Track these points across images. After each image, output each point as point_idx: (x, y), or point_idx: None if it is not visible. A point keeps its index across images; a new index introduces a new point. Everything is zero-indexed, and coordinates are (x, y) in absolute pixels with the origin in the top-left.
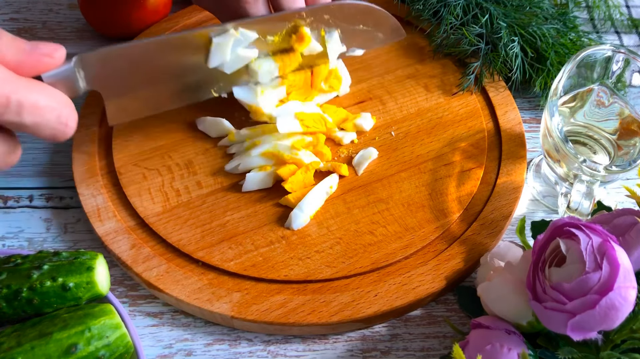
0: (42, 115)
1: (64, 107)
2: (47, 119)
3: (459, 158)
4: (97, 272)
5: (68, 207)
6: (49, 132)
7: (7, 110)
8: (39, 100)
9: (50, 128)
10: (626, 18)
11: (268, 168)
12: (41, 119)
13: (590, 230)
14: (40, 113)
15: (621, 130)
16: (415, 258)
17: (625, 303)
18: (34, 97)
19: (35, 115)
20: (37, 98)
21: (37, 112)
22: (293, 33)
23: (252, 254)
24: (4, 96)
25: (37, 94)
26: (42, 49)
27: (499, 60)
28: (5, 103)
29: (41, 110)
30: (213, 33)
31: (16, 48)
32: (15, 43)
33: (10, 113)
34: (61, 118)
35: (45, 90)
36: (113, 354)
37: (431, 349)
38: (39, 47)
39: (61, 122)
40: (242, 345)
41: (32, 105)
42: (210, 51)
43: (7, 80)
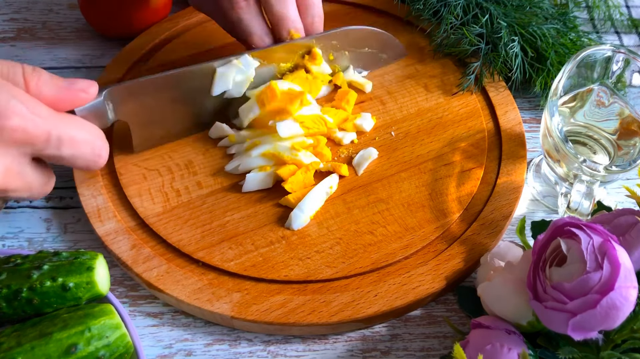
0: (78, 149)
1: (97, 139)
2: (83, 152)
3: (459, 158)
4: (97, 272)
5: (68, 207)
6: (83, 163)
7: (48, 146)
8: (76, 134)
9: (85, 159)
10: (626, 18)
11: (268, 169)
12: (78, 152)
13: (591, 229)
14: (77, 147)
15: (621, 130)
16: (415, 258)
17: (626, 303)
18: (72, 132)
19: (72, 148)
20: (75, 133)
21: (74, 146)
22: (306, 54)
23: (252, 254)
24: (45, 132)
25: (74, 129)
26: (78, 85)
27: (499, 60)
28: (46, 139)
29: (78, 144)
30: (217, 63)
31: (54, 85)
32: (53, 81)
33: (50, 148)
34: (95, 150)
35: (81, 124)
36: (113, 354)
37: (431, 349)
38: (76, 84)
39: (95, 154)
40: (242, 345)
41: (70, 140)
42: (214, 80)
43: (47, 117)
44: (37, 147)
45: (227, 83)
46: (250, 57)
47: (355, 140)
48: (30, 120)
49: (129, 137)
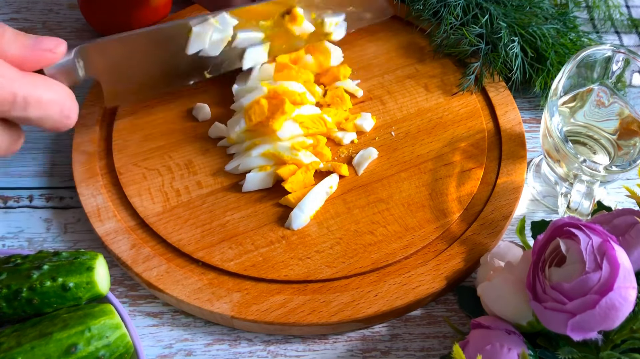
0: (46, 110)
1: (66, 100)
2: (51, 113)
3: (459, 158)
4: (97, 272)
5: (68, 207)
6: (52, 124)
7: (14, 107)
8: (42, 95)
9: (53, 120)
10: (626, 18)
11: (268, 169)
12: (45, 113)
13: (590, 230)
14: (45, 108)
15: (621, 130)
16: (416, 258)
17: (625, 303)
18: (39, 92)
19: (39, 109)
20: (41, 93)
21: (41, 107)
22: (286, 14)
23: (252, 254)
24: (10, 94)
25: (41, 90)
26: (44, 44)
27: (499, 60)
28: (12, 100)
29: (45, 104)
30: (193, 21)
31: (19, 44)
32: (19, 38)
33: (16, 109)
34: (64, 111)
35: (48, 85)
36: (113, 354)
37: (431, 349)
38: (42, 43)
39: (64, 115)
40: (242, 345)
41: (36, 101)
42: (189, 39)
43: (13, 78)
44: (3, 109)
45: (203, 42)
46: (229, 15)
47: (355, 140)
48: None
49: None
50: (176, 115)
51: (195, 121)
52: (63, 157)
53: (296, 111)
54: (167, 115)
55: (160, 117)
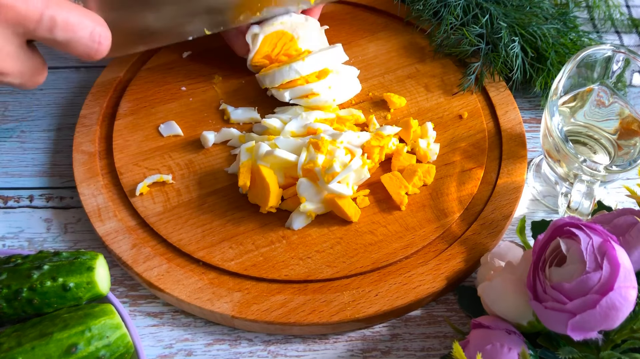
0: (74, 32)
1: (97, 25)
2: (80, 36)
3: (459, 158)
4: (97, 272)
5: (68, 207)
6: (82, 49)
7: (40, 26)
8: (70, 17)
9: (83, 45)
10: (626, 18)
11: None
12: (73, 35)
13: (590, 229)
14: (73, 30)
15: (621, 130)
16: (416, 257)
17: (626, 303)
18: (66, 14)
19: (67, 31)
20: (69, 16)
21: (69, 29)
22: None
23: (252, 254)
24: (37, 11)
25: (69, 12)
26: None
27: (499, 60)
28: (37, 19)
29: (74, 27)
30: None
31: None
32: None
33: (42, 29)
34: (94, 36)
35: (77, 8)
36: (113, 354)
37: (431, 349)
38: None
39: (94, 40)
40: (242, 345)
41: (64, 22)
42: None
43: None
44: (29, 27)
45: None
46: None
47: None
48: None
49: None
50: (176, 114)
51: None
52: (63, 157)
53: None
54: (168, 115)
55: (160, 117)
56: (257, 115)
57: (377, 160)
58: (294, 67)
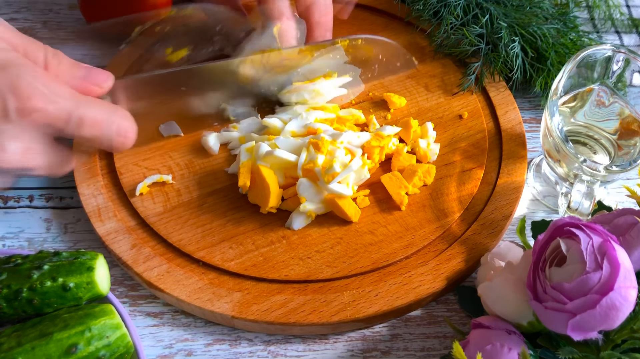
0: (101, 129)
1: (122, 120)
2: (106, 133)
3: (459, 158)
4: (97, 272)
5: (68, 207)
6: (108, 144)
7: (68, 126)
8: (97, 115)
9: (109, 140)
10: (626, 18)
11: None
12: (100, 132)
13: (590, 229)
14: (99, 128)
15: (621, 130)
16: (416, 257)
17: (626, 303)
18: (93, 113)
19: (94, 129)
20: (96, 114)
21: (95, 127)
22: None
23: (252, 254)
24: (66, 113)
25: (95, 110)
26: (94, 78)
27: (499, 60)
28: (66, 119)
29: (100, 124)
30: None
31: (72, 75)
32: (72, 70)
33: (70, 128)
34: (120, 130)
35: (103, 105)
36: (113, 354)
37: (431, 349)
38: (92, 76)
39: (120, 134)
40: (242, 345)
41: (91, 121)
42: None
43: (68, 97)
44: (58, 128)
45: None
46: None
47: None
48: (51, 102)
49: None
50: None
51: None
52: None
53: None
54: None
55: (161, 117)
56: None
57: (377, 160)
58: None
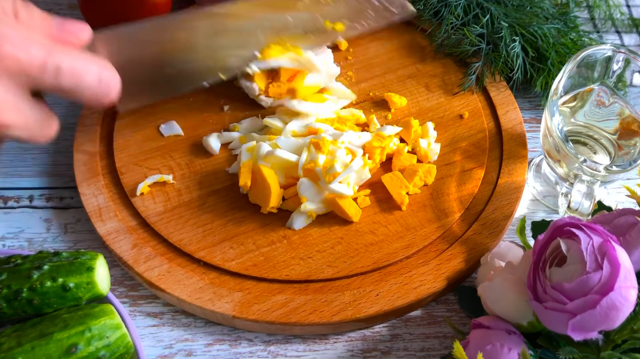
0: (81, 78)
1: (104, 69)
2: (87, 82)
3: (460, 158)
4: (97, 272)
5: (68, 207)
6: (90, 95)
7: (44, 74)
8: (76, 63)
9: (90, 90)
10: (627, 17)
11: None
12: (80, 82)
13: (590, 230)
14: (79, 76)
15: (621, 130)
16: (417, 257)
17: (626, 303)
18: (71, 61)
19: (74, 77)
20: (74, 61)
21: (75, 76)
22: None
23: (253, 254)
24: (41, 60)
25: (74, 58)
26: (69, 28)
27: (500, 60)
28: (41, 67)
29: (80, 73)
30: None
31: (44, 26)
32: (45, 21)
33: (47, 77)
34: (102, 81)
35: (82, 54)
36: (113, 354)
37: (432, 349)
38: (66, 27)
39: (102, 84)
40: (242, 345)
41: (70, 69)
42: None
43: (42, 45)
44: (33, 76)
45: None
46: None
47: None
48: (22, 47)
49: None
50: (177, 114)
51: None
52: (63, 157)
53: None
54: (168, 115)
55: (161, 117)
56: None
57: (378, 160)
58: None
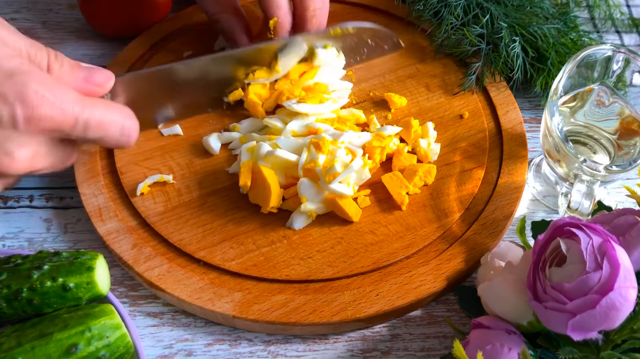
0: (106, 131)
1: (126, 120)
2: (111, 133)
3: (460, 158)
4: (97, 272)
5: (68, 207)
6: (113, 144)
7: (75, 130)
8: (103, 117)
9: (114, 140)
10: (627, 17)
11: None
12: (105, 134)
13: (590, 229)
14: (105, 129)
15: (621, 130)
16: (417, 257)
17: (626, 303)
18: (99, 115)
19: (99, 131)
20: (102, 116)
21: (101, 129)
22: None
23: (253, 254)
24: (72, 117)
25: (101, 112)
26: (96, 79)
27: (500, 60)
28: (73, 124)
29: (105, 126)
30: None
31: (73, 77)
32: (74, 72)
33: (77, 131)
34: (124, 130)
35: (108, 107)
36: (113, 354)
37: (431, 349)
38: (94, 77)
39: (124, 134)
40: (242, 345)
41: (97, 124)
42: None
43: (74, 102)
44: (65, 133)
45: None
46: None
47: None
48: (58, 108)
49: None
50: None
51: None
52: None
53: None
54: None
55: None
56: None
57: (378, 160)
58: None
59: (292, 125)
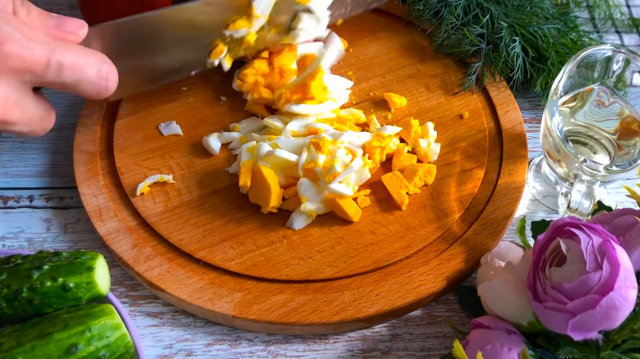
0: (82, 73)
1: (103, 63)
2: (88, 76)
3: (460, 158)
4: (97, 272)
5: (68, 207)
6: (91, 88)
7: (48, 71)
8: (77, 58)
9: (91, 84)
10: (627, 17)
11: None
12: (81, 76)
13: (590, 229)
14: (80, 71)
15: (621, 130)
16: (417, 257)
17: (626, 303)
18: (73, 56)
19: (75, 73)
20: (76, 57)
21: (77, 71)
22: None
23: (253, 254)
24: (44, 57)
25: (75, 53)
26: (67, 26)
27: (500, 60)
28: (45, 65)
29: (80, 67)
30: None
31: (42, 24)
32: (42, 19)
33: (50, 74)
34: (101, 72)
35: (82, 49)
36: (113, 354)
37: (432, 349)
38: (65, 25)
39: (102, 77)
40: (242, 345)
41: (71, 64)
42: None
43: (45, 43)
44: (37, 74)
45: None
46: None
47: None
48: (26, 46)
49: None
50: (177, 114)
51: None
52: (63, 157)
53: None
54: (168, 115)
55: (161, 117)
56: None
57: (378, 160)
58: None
59: (292, 125)
